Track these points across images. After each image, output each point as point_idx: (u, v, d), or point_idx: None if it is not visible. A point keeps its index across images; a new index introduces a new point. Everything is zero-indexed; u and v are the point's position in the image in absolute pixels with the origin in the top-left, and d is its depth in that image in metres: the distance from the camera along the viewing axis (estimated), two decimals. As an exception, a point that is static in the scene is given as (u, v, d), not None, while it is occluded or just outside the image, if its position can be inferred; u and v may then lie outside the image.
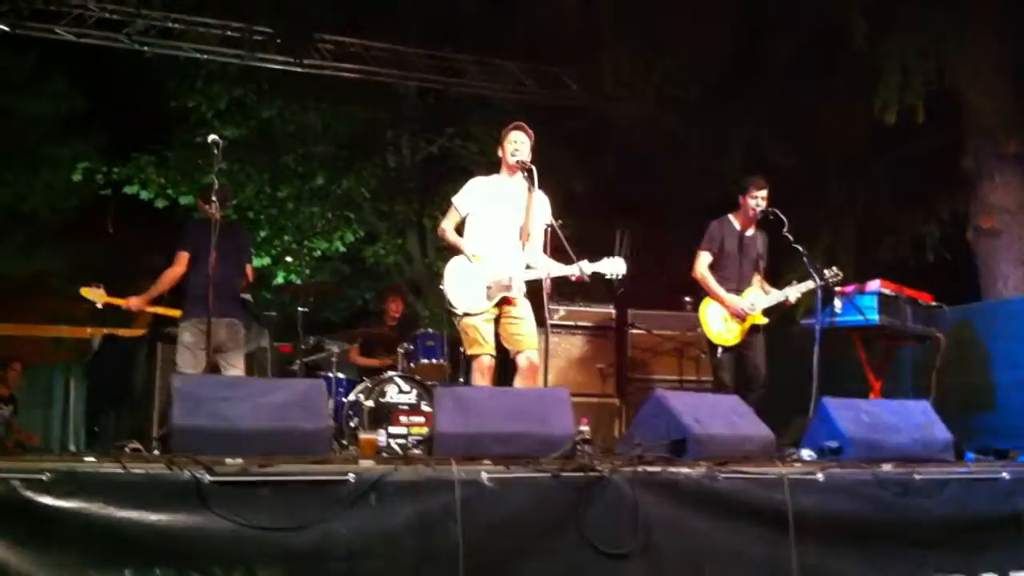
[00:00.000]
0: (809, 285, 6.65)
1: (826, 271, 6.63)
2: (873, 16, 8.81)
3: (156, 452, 4.29)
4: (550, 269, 5.81)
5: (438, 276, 13.03)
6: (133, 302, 6.71)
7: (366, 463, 3.94)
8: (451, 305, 5.85)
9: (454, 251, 5.99)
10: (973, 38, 8.94)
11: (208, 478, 3.49)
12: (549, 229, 6.00)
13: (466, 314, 5.79)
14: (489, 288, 5.80)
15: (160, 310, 6.90)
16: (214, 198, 6.24)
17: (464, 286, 5.85)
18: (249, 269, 7.18)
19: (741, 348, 6.84)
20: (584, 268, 5.76)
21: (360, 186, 13.78)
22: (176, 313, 6.75)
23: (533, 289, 5.92)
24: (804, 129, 9.38)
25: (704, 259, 7.01)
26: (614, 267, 5.84)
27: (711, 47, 9.83)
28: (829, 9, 8.91)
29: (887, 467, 4.79)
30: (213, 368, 6.56)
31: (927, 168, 9.66)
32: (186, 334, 6.62)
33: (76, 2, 9.69)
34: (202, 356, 6.42)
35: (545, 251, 6.00)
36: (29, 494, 3.26)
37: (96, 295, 6.73)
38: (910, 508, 4.68)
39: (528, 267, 5.88)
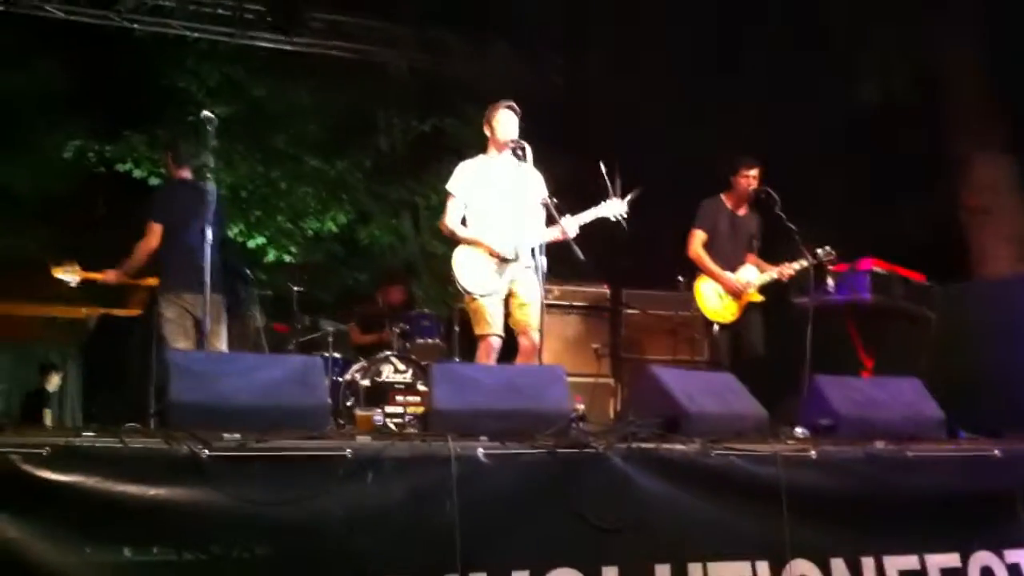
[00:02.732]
0: (802, 263, 6.69)
1: (819, 250, 6.67)
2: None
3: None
4: (542, 236, 5.81)
5: (432, 256, 13.05)
6: (110, 275, 6.50)
7: (363, 439, 3.96)
8: (467, 291, 5.87)
9: (467, 244, 5.97)
10: (955, 20, 8.93)
11: (206, 452, 3.49)
12: (548, 205, 5.98)
13: (482, 296, 5.80)
14: (499, 264, 5.81)
15: (144, 282, 6.71)
16: (181, 157, 6.09)
17: (475, 270, 5.88)
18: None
19: (737, 326, 6.88)
20: (576, 222, 5.75)
21: (353, 167, 13.76)
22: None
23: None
24: (789, 114, 9.39)
25: (698, 237, 7.05)
26: (613, 208, 5.83)
27: (694, 33, 9.83)
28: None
29: (879, 444, 4.82)
30: (197, 344, 6.39)
31: (916, 149, 9.68)
32: (168, 309, 6.41)
33: (66, -21, 9.66)
34: (191, 329, 6.33)
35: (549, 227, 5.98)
36: (28, 468, 3.26)
37: (70, 273, 6.45)
38: (902, 485, 4.71)
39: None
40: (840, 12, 8.96)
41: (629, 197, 5.89)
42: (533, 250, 5.80)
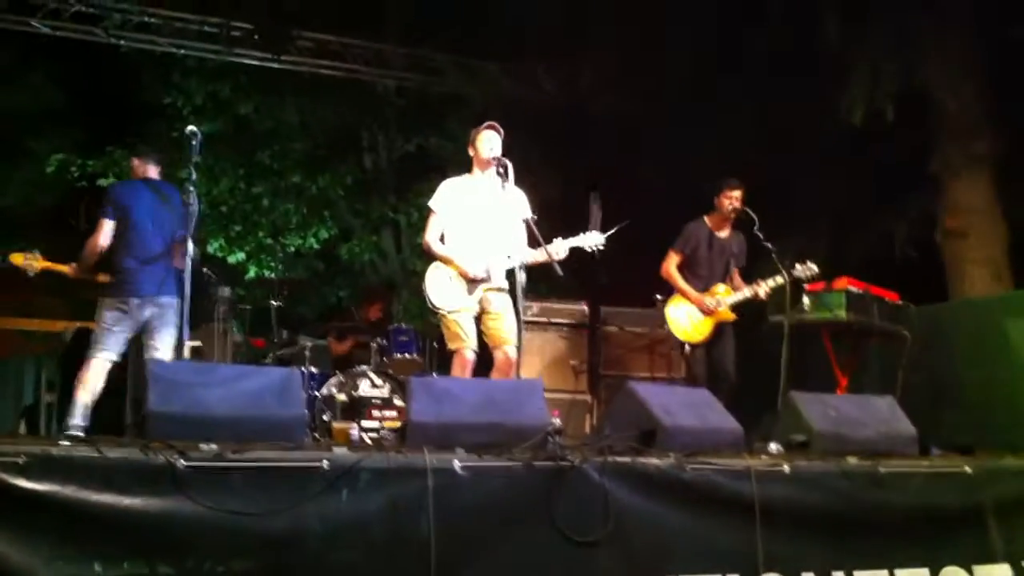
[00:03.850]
0: (778, 280, 6.76)
1: (799, 265, 6.74)
2: (845, 17, 8.90)
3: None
4: (525, 257, 5.85)
5: (413, 274, 13.05)
6: (70, 268, 6.26)
7: (340, 450, 3.98)
8: (435, 306, 5.90)
9: (440, 260, 6.01)
10: (943, 40, 9.05)
11: (183, 463, 3.51)
12: (529, 223, 6.00)
13: (450, 312, 5.85)
14: (469, 283, 5.86)
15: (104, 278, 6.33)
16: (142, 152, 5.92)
17: (445, 287, 5.91)
18: (191, 247, 5.95)
19: (710, 345, 6.94)
20: (557, 248, 5.80)
21: (336, 184, 13.80)
22: None
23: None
24: (776, 129, 9.47)
25: (673, 259, 7.16)
26: (591, 240, 5.89)
27: (685, 47, 9.90)
28: (802, 9, 9.00)
29: (853, 460, 4.87)
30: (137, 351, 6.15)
31: (897, 168, 9.78)
32: (106, 313, 6.09)
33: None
34: (123, 339, 6.09)
35: (531, 246, 6.00)
36: (4, 476, 3.27)
37: (29, 261, 6.22)
38: (875, 501, 4.76)
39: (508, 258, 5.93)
40: (823, 33, 9.03)
41: (609, 232, 5.96)
42: (511, 271, 5.85)
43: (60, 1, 9.69)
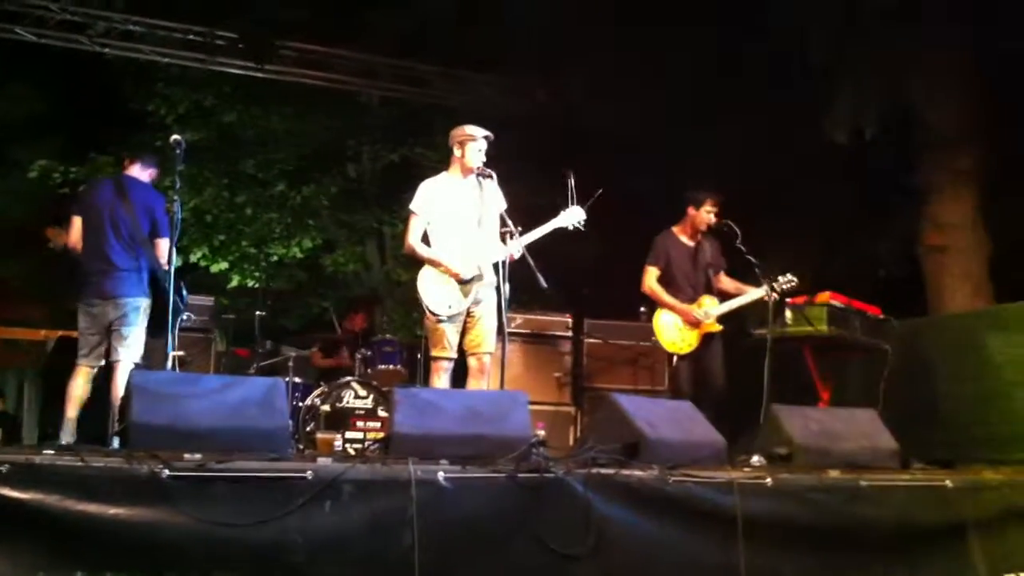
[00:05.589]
0: (761, 293, 6.79)
1: (780, 277, 6.77)
2: (829, 31, 8.96)
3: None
4: (508, 250, 5.85)
5: (397, 285, 13.04)
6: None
7: (324, 461, 3.98)
8: (433, 313, 5.88)
9: (428, 263, 6.00)
10: (928, 55, 9.12)
11: (166, 472, 3.51)
12: (504, 217, 5.98)
13: (448, 317, 5.85)
14: (462, 285, 5.86)
15: None
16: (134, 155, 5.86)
17: (440, 292, 5.91)
18: (161, 244, 6.13)
19: (696, 356, 6.96)
20: (540, 231, 5.81)
21: (320, 194, 13.79)
22: None
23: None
24: (761, 143, 9.52)
25: (652, 274, 7.15)
26: (572, 217, 5.90)
27: (673, 61, 9.95)
28: (787, 24, 9.05)
29: (834, 473, 4.90)
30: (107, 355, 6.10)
31: (880, 183, 9.84)
32: (80, 317, 6.09)
33: (38, 3, 9.63)
34: (95, 341, 6.06)
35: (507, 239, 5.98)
36: (-12, 485, 3.26)
37: (60, 237, 6.20)
38: (856, 514, 4.78)
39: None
40: (811, 51, 9.09)
41: (587, 203, 5.96)
42: (495, 265, 5.87)
43: (44, 9, 9.67)
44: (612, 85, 10.50)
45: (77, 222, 6.19)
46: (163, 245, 6.16)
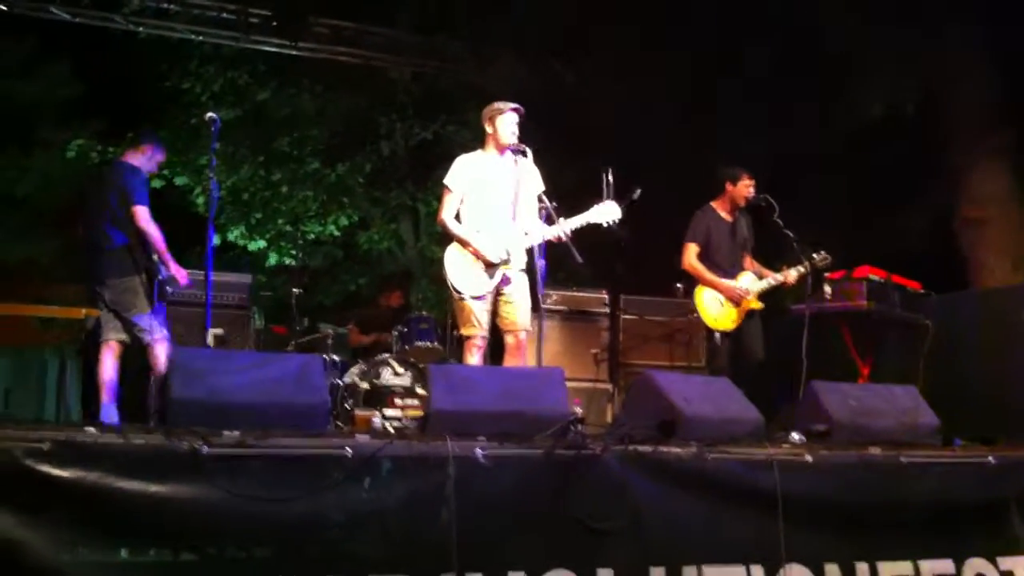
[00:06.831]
0: (800, 270, 6.72)
1: (815, 255, 6.70)
2: (857, 9, 8.84)
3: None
4: (542, 233, 5.83)
5: (431, 261, 13.08)
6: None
7: (363, 438, 3.98)
8: (457, 291, 5.88)
9: (458, 242, 5.99)
10: (957, 30, 8.97)
11: (206, 449, 3.52)
12: (543, 199, 5.97)
13: (472, 297, 5.83)
14: (488, 267, 5.84)
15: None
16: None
17: (466, 270, 5.89)
18: (136, 211, 6.15)
19: (738, 333, 6.91)
20: (571, 224, 5.76)
21: (354, 171, 13.81)
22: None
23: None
24: (791, 122, 9.43)
25: (692, 250, 7.07)
26: (607, 212, 5.83)
27: (703, 36, 9.86)
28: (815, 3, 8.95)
29: (874, 450, 4.85)
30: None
31: (915, 160, 9.72)
32: (100, 309, 6.33)
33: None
34: (110, 317, 6.23)
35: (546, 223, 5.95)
36: (30, 462, 3.29)
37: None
38: (897, 491, 4.73)
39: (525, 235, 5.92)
40: (841, 22, 8.98)
41: (625, 200, 5.90)
42: (530, 250, 5.84)
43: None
44: (639, 62, 10.42)
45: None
46: (137, 212, 6.20)
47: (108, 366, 6.24)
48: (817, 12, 8.95)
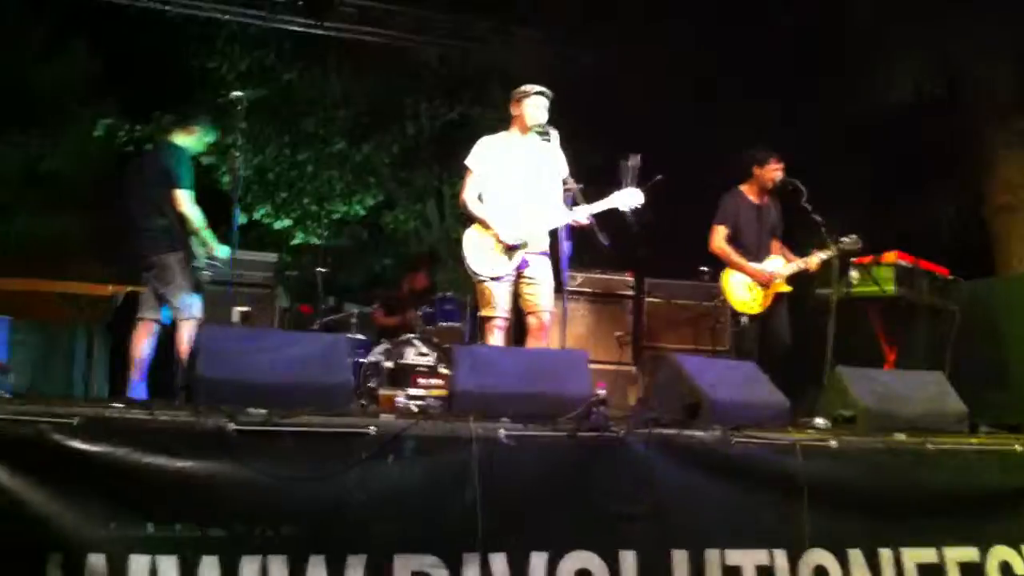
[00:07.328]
0: (828, 253, 6.68)
1: (844, 238, 6.65)
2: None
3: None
4: (565, 216, 5.81)
5: (457, 243, 13.07)
6: None
7: (387, 417, 4.00)
8: (474, 273, 5.88)
9: (478, 222, 5.98)
10: (983, 15, 8.85)
11: (232, 426, 3.55)
12: (568, 182, 5.94)
13: (491, 278, 5.83)
14: (509, 249, 5.83)
15: None
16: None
17: (484, 251, 5.88)
18: (176, 194, 6.30)
19: (764, 317, 6.88)
20: (593, 209, 5.74)
21: (380, 152, 13.82)
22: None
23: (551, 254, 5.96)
24: (815, 107, 9.35)
25: (720, 233, 7.03)
26: (628, 199, 5.80)
27: (721, 23, 9.80)
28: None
29: (900, 437, 4.83)
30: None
31: (942, 145, 9.62)
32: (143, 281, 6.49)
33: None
34: (149, 297, 6.38)
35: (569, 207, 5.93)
36: (58, 437, 3.33)
37: None
38: (922, 478, 4.71)
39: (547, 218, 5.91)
40: (868, 7, 8.89)
41: (646, 186, 5.87)
42: (553, 232, 5.82)
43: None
44: (662, 45, 10.36)
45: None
46: (177, 195, 6.31)
47: (143, 344, 6.31)
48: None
